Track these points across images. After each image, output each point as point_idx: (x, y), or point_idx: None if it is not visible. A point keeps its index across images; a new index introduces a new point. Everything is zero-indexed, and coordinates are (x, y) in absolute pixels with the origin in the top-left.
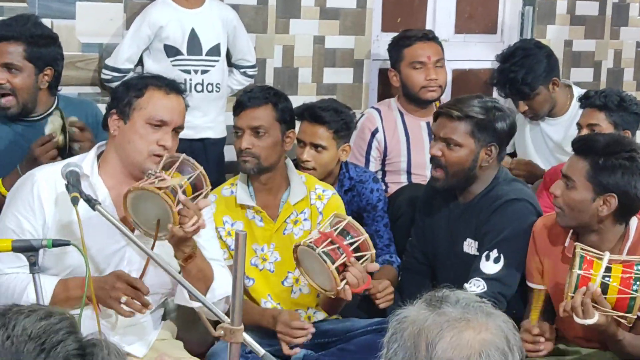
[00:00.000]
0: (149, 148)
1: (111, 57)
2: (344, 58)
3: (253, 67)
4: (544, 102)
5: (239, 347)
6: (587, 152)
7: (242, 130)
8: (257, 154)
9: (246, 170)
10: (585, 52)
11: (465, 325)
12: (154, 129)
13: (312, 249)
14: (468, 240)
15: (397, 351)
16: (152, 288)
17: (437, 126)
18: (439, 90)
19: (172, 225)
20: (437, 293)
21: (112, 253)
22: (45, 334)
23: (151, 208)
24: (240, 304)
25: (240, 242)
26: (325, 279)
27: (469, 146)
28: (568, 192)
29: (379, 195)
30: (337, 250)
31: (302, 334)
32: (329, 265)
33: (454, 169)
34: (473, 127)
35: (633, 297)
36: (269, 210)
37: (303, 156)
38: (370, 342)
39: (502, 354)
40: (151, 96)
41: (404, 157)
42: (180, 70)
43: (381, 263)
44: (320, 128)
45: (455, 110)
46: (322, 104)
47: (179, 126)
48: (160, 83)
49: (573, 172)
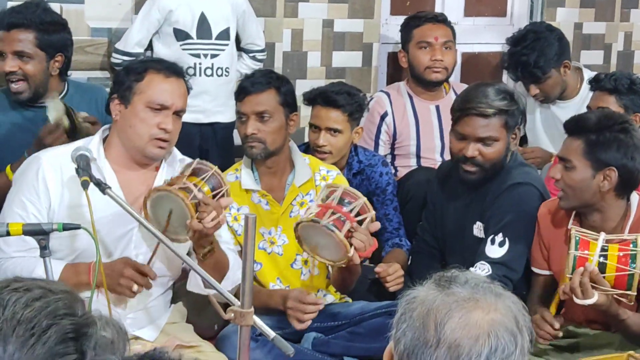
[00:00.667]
0: (150, 132)
1: (121, 41)
2: (353, 41)
3: (262, 52)
4: (555, 85)
5: (249, 330)
6: (580, 130)
7: (246, 115)
8: (263, 139)
9: (253, 156)
10: (595, 34)
11: (474, 305)
12: (154, 113)
13: (317, 223)
14: (477, 223)
15: (405, 331)
16: (160, 271)
17: (468, 127)
18: (445, 73)
19: (190, 220)
20: (446, 273)
21: (120, 236)
22: (36, 318)
23: (168, 208)
24: (250, 287)
25: (249, 226)
26: (332, 251)
27: (504, 138)
28: (568, 173)
29: (388, 179)
30: (340, 219)
31: (314, 309)
32: (338, 234)
33: (492, 162)
34: (506, 118)
35: (631, 274)
36: (274, 194)
37: (319, 141)
38: (381, 325)
39: (511, 334)
40: (151, 80)
41: (414, 141)
42: (190, 54)
43: (391, 246)
44: (335, 112)
45: (487, 107)
46: (334, 88)
47: (180, 109)
48: (160, 66)
49: (569, 153)
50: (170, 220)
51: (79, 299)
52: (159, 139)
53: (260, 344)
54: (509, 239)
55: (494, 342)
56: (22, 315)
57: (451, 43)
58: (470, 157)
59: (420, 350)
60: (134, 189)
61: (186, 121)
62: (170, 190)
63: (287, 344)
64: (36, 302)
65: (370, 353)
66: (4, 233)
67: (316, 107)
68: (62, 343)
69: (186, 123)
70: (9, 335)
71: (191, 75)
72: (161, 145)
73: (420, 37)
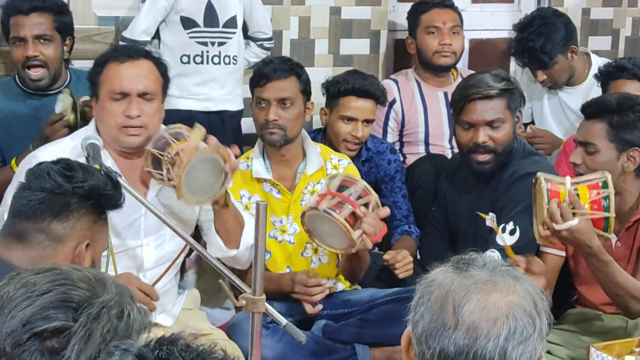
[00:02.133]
0: (117, 121)
1: (128, 29)
2: (361, 29)
3: (270, 40)
4: (563, 71)
5: (261, 317)
6: (602, 113)
7: (267, 101)
8: (284, 126)
9: (273, 142)
10: (603, 20)
11: (492, 287)
12: (118, 102)
13: (316, 209)
14: (490, 214)
15: (423, 314)
16: (167, 248)
17: (475, 113)
18: (453, 57)
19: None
20: (464, 256)
21: (130, 224)
22: (39, 283)
23: (203, 175)
24: (261, 274)
25: (261, 212)
26: (339, 238)
27: (509, 119)
28: (591, 157)
29: (396, 167)
30: (340, 203)
31: (319, 290)
32: (336, 217)
33: (503, 146)
34: (507, 98)
35: (607, 217)
36: (285, 182)
37: (358, 133)
38: (391, 311)
39: (530, 316)
40: (109, 70)
41: (422, 128)
42: (197, 42)
43: (400, 233)
44: (370, 103)
45: (489, 89)
46: (364, 78)
47: (144, 91)
48: (116, 54)
49: (591, 136)
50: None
51: (112, 283)
52: (127, 126)
53: (272, 331)
54: (519, 227)
55: (513, 324)
56: (27, 280)
57: (459, 28)
58: (482, 143)
59: (438, 333)
60: (132, 176)
61: (194, 109)
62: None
63: (299, 331)
64: (48, 272)
65: (380, 339)
66: None
67: (349, 99)
68: (56, 308)
69: (194, 111)
70: (12, 297)
71: (198, 63)
72: (131, 132)
73: (428, 22)
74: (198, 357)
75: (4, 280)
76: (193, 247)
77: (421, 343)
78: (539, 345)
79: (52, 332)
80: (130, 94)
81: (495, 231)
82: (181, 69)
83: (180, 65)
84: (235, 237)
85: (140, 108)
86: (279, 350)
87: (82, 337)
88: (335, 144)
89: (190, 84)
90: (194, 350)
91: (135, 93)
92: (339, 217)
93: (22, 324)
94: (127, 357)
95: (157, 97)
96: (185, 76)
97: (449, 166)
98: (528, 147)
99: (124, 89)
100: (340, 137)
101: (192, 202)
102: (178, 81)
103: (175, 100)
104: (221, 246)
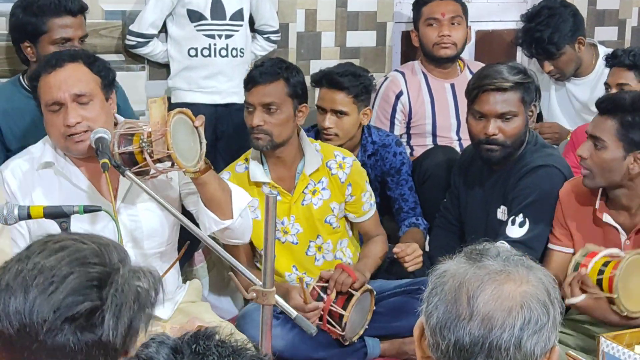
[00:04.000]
0: (60, 133)
1: (135, 22)
2: (367, 21)
3: (276, 33)
4: (570, 62)
5: (271, 309)
6: (615, 110)
7: (253, 106)
8: (270, 131)
9: (259, 147)
10: (609, 10)
11: (506, 278)
12: (55, 114)
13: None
14: (502, 207)
15: (437, 305)
16: (153, 232)
17: (487, 104)
18: (454, 48)
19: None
20: (477, 246)
21: (102, 229)
22: (57, 267)
23: (185, 138)
24: (272, 267)
25: (270, 205)
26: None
27: (522, 112)
28: (598, 152)
29: (402, 159)
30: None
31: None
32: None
33: (513, 139)
34: (522, 92)
35: (610, 297)
36: (284, 184)
37: (325, 123)
38: (399, 304)
39: (544, 306)
40: (40, 83)
41: (429, 120)
42: (205, 35)
43: (407, 226)
44: (339, 94)
45: (503, 81)
46: (339, 69)
47: (77, 94)
48: (44, 64)
49: (602, 131)
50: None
51: (113, 248)
52: (70, 134)
53: (282, 321)
54: (529, 219)
55: (527, 313)
56: (42, 264)
57: (460, 19)
58: (492, 135)
59: (453, 324)
60: (101, 181)
61: (202, 102)
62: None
63: (309, 322)
64: (60, 252)
65: (389, 332)
66: (25, 216)
67: (322, 89)
68: (82, 290)
69: (202, 104)
70: (30, 285)
71: (205, 56)
72: (76, 139)
73: (428, 14)
74: (234, 352)
75: (9, 263)
76: (200, 238)
77: (435, 334)
78: (553, 334)
79: (84, 314)
80: (64, 102)
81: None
82: (188, 62)
83: (187, 58)
84: (227, 205)
85: (78, 114)
86: (289, 340)
87: (114, 313)
88: (320, 136)
89: (198, 77)
90: (229, 346)
91: (68, 100)
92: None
93: (53, 311)
94: (163, 350)
95: (96, 96)
96: (193, 69)
97: (462, 158)
98: (540, 139)
99: (55, 98)
100: (318, 128)
101: (191, 168)
102: (185, 74)
103: (182, 94)
104: (215, 219)
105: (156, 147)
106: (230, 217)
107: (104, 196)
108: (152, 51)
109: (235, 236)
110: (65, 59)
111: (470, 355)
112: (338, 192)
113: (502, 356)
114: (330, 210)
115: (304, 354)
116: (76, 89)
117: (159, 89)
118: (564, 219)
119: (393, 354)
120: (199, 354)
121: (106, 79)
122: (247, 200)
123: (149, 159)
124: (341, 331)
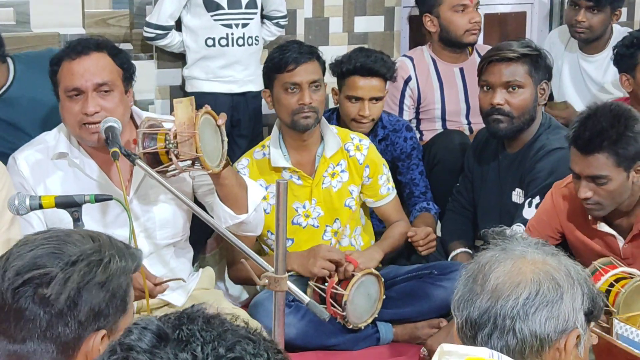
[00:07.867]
0: (77, 120)
1: (152, 14)
2: (375, 6)
3: (285, 17)
4: (601, 25)
5: (284, 296)
6: (600, 144)
7: (299, 86)
8: (317, 109)
9: (307, 126)
10: None
11: (523, 259)
12: (74, 100)
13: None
14: (517, 190)
15: (459, 286)
16: (166, 223)
17: (493, 74)
18: (479, 34)
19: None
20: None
21: (115, 217)
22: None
23: (209, 138)
24: (284, 253)
25: (281, 191)
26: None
27: (530, 86)
28: (603, 188)
29: (412, 144)
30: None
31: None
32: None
33: (519, 112)
34: (530, 65)
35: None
36: (304, 168)
37: (365, 112)
38: (412, 288)
39: (556, 283)
40: (62, 68)
41: (438, 104)
42: (222, 24)
43: (419, 210)
44: (377, 80)
45: (510, 52)
46: (369, 57)
47: (100, 84)
48: (67, 50)
49: (599, 169)
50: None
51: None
52: (87, 123)
53: (294, 309)
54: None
55: (535, 287)
56: (27, 238)
57: (478, 4)
58: (498, 105)
59: (468, 301)
60: (113, 170)
61: (220, 92)
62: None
63: (322, 308)
64: (46, 233)
65: (402, 317)
66: (36, 206)
67: (355, 78)
68: (46, 258)
69: (219, 94)
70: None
71: (223, 45)
72: (92, 130)
73: (456, 0)
74: (218, 337)
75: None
76: (214, 227)
77: (455, 312)
78: (572, 316)
79: (41, 278)
80: (85, 90)
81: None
82: (206, 52)
83: (205, 48)
84: (243, 201)
85: (97, 103)
86: (301, 329)
87: (61, 279)
88: (347, 124)
89: (216, 67)
90: (214, 328)
91: (89, 88)
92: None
93: (16, 273)
94: (146, 336)
95: (117, 87)
96: (210, 59)
97: (475, 141)
98: (554, 121)
99: (77, 85)
100: (349, 117)
101: (216, 169)
102: (203, 64)
103: (200, 83)
104: (231, 214)
105: (182, 148)
106: (246, 211)
107: (117, 187)
108: (170, 42)
109: (249, 229)
110: (92, 47)
111: (479, 329)
112: (356, 174)
113: (507, 326)
114: (348, 193)
115: (316, 342)
116: (99, 78)
117: (168, 78)
118: (560, 224)
119: (406, 338)
120: (182, 340)
121: (128, 71)
122: (262, 194)
123: (175, 160)
124: (341, 311)
